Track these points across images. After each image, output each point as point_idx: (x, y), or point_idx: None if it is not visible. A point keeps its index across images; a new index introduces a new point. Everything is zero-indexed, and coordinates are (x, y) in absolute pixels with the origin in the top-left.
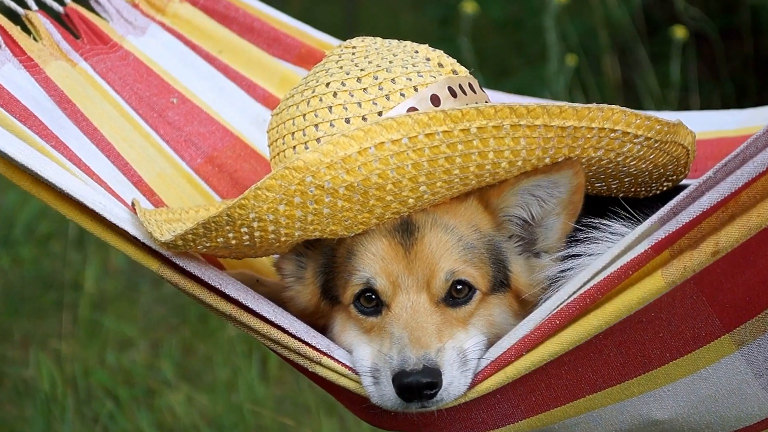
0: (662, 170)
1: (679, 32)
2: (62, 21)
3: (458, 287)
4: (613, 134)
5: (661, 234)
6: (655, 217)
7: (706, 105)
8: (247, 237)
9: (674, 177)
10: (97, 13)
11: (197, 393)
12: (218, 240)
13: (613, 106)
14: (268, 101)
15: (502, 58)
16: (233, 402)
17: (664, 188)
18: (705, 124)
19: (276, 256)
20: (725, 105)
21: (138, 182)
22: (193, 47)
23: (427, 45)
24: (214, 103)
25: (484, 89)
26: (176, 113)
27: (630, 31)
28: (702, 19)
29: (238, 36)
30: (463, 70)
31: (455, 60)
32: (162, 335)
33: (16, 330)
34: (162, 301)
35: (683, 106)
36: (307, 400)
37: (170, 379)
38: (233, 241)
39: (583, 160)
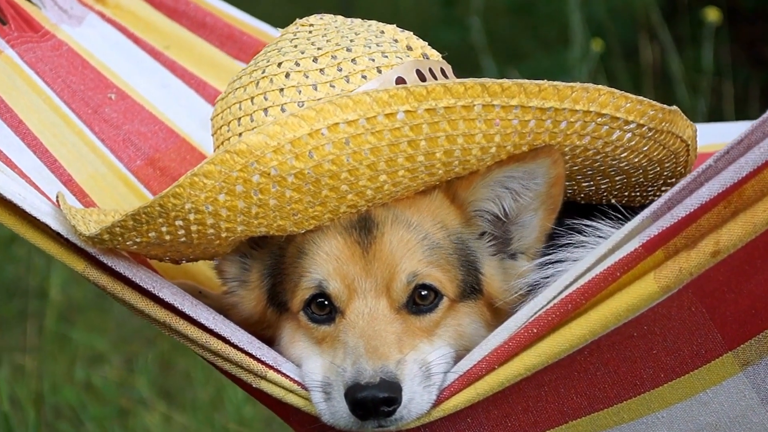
0: (658, 168)
1: (712, 14)
2: None
3: (422, 293)
4: (600, 119)
5: (653, 231)
6: (646, 212)
7: (741, 93)
8: (183, 232)
9: (673, 179)
10: None
11: (176, 413)
12: (150, 235)
13: (600, 86)
14: None
15: (515, 41)
16: (216, 422)
17: (662, 193)
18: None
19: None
20: (764, 92)
21: (68, 182)
22: (137, 40)
23: (394, 26)
24: (158, 101)
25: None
26: (114, 110)
27: (663, 11)
28: None
29: (188, 31)
30: (435, 54)
31: (426, 43)
32: (137, 349)
33: None
34: None
35: (716, 94)
36: None
37: (146, 398)
38: (167, 237)
39: (566, 149)
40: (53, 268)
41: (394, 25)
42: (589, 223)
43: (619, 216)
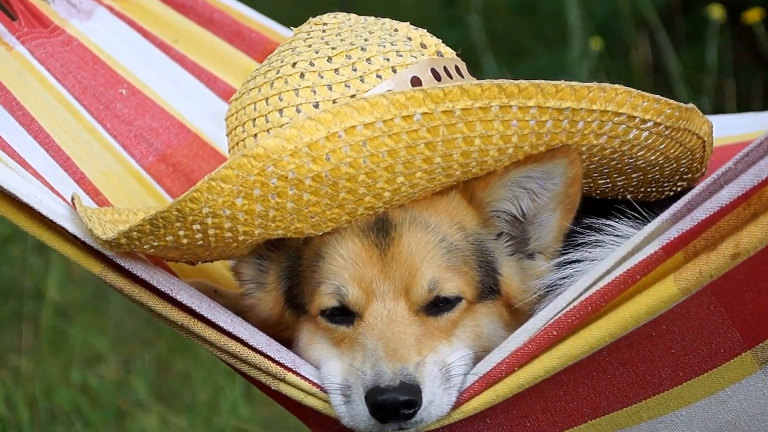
0: (675, 165)
1: (716, 11)
2: None
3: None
4: (617, 118)
5: (673, 233)
6: (666, 214)
7: (745, 92)
8: (200, 235)
9: (689, 175)
10: None
11: (173, 415)
12: (167, 239)
13: (617, 85)
14: (230, 95)
15: (516, 40)
16: (214, 425)
17: (678, 189)
18: (720, 129)
19: (234, 260)
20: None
21: (81, 180)
22: (146, 34)
23: (408, 23)
24: (169, 95)
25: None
26: (125, 105)
27: (662, 10)
28: None
29: (197, 25)
30: (449, 52)
31: (440, 41)
32: (134, 350)
33: None
34: (134, 311)
35: (719, 93)
36: (297, 421)
37: (143, 400)
38: (184, 240)
39: (583, 149)
40: (49, 269)
41: (408, 23)
42: (606, 222)
43: (636, 215)
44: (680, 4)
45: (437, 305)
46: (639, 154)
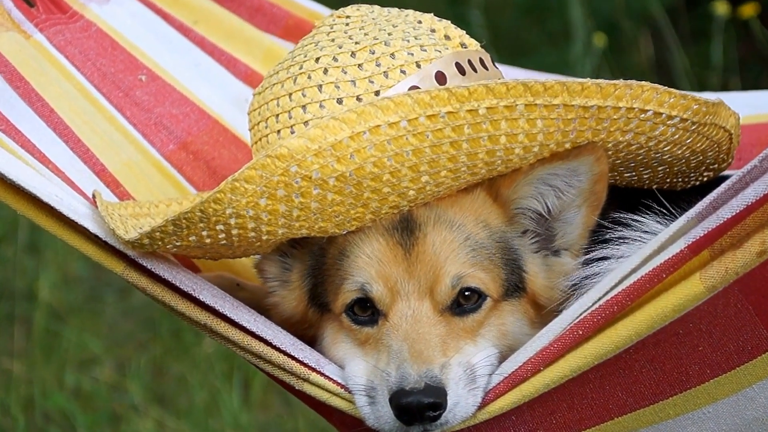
0: (701, 157)
1: (721, 8)
2: None
3: (466, 294)
4: (643, 115)
5: (699, 231)
6: (692, 213)
7: (752, 88)
8: (224, 235)
9: (715, 166)
10: None
11: (169, 419)
12: (190, 239)
13: (643, 82)
14: (251, 79)
15: (519, 36)
16: (211, 429)
17: (704, 179)
18: (751, 106)
19: (258, 256)
20: None
21: (101, 172)
22: (165, 17)
23: (432, 15)
24: (189, 81)
25: (498, 66)
26: (145, 92)
27: (667, 6)
28: None
29: (216, 4)
30: (473, 44)
31: (464, 32)
32: (129, 353)
33: None
34: (129, 313)
35: (724, 91)
36: (296, 426)
37: (138, 403)
38: (207, 240)
39: (609, 145)
40: (42, 270)
41: (431, 14)
42: (633, 217)
43: (663, 210)
44: (684, 1)
45: (462, 305)
46: (665, 149)
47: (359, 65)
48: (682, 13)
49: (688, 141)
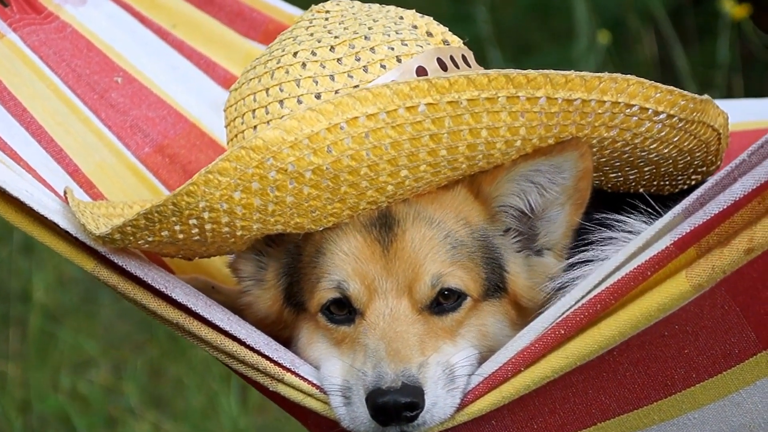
0: (689, 158)
1: (728, 5)
2: None
3: (446, 293)
4: (629, 110)
5: (685, 228)
6: (678, 209)
7: (756, 88)
8: (197, 230)
9: (704, 168)
10: None
11: (166, 422)
12: (163, 234)
13: (629, 76)
14: (230, 83)
15: (523, 33)
16: None
17: (692, 182)
18: (745, 113)
19: (232, 256)
20: None
21: (74, 172)
22: (142, 19)
23: (413, 11)
24: (166, 83)
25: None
26: (121, 94)
27: (671, 4)
28: None
29: (195, 8)
30: (456, 41)
31: (447, 29)
32: (125, 355)
33: None
34: (125, 315)
35: (728, 90)
36: (294, 429)
37: (135, 406)
38: (180, 236)
39: (594, 142)
40: (36, 271)
41: (413, 10)
42: (618, 217)
43: (650, 210)
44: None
45: (441, 304)
46: (652, 147)
47: (338, 60)
48: (688, 11)
49: (675, 139)
